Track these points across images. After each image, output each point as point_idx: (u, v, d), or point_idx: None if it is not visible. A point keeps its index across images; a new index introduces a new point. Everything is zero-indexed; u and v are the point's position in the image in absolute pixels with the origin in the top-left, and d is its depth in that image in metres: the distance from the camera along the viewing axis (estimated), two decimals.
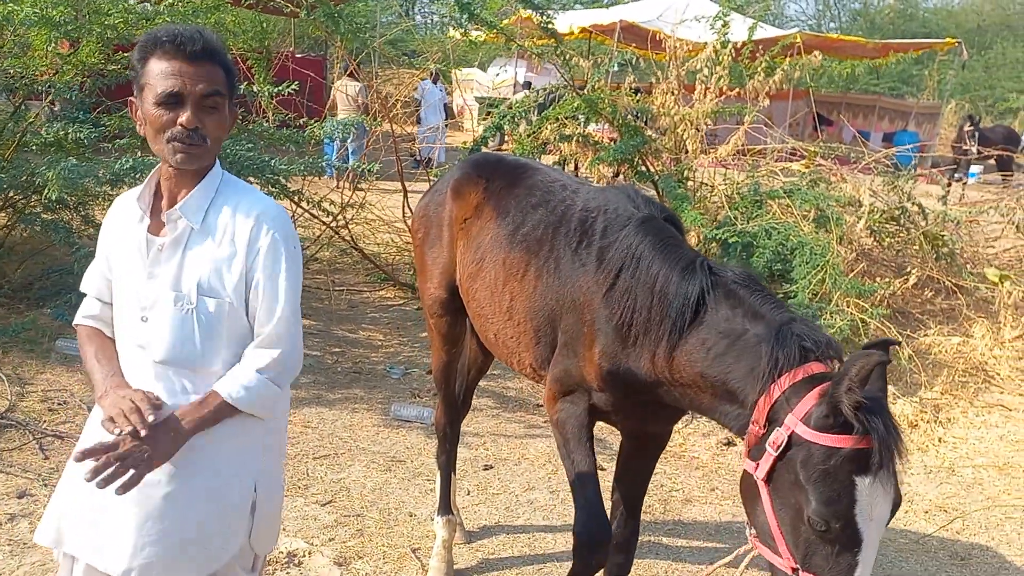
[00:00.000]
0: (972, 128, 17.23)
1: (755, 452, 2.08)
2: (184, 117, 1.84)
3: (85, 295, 2.11)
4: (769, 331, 2.15)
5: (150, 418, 1.79)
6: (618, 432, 3.06)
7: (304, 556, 3.47)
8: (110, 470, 1.75)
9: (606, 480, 2.93)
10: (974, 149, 16.39)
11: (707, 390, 2.29)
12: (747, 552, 2.25)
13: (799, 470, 1.94)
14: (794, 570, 1.96)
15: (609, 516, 2.88)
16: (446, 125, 15.24)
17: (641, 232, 2.56)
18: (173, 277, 1.92)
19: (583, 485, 2.68)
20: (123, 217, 2.03)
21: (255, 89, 6.97)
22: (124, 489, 1.77)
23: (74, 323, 2.11)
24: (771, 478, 2.01)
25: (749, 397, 2.14)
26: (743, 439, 2.19)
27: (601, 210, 2.77)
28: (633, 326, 2.45)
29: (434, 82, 15.43)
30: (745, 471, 2.12)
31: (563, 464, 2.79)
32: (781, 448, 1.97)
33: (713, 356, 2.25)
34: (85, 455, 1.77)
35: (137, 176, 4.91)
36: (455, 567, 3.50)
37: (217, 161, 2.02)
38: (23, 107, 6.20)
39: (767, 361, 2.09)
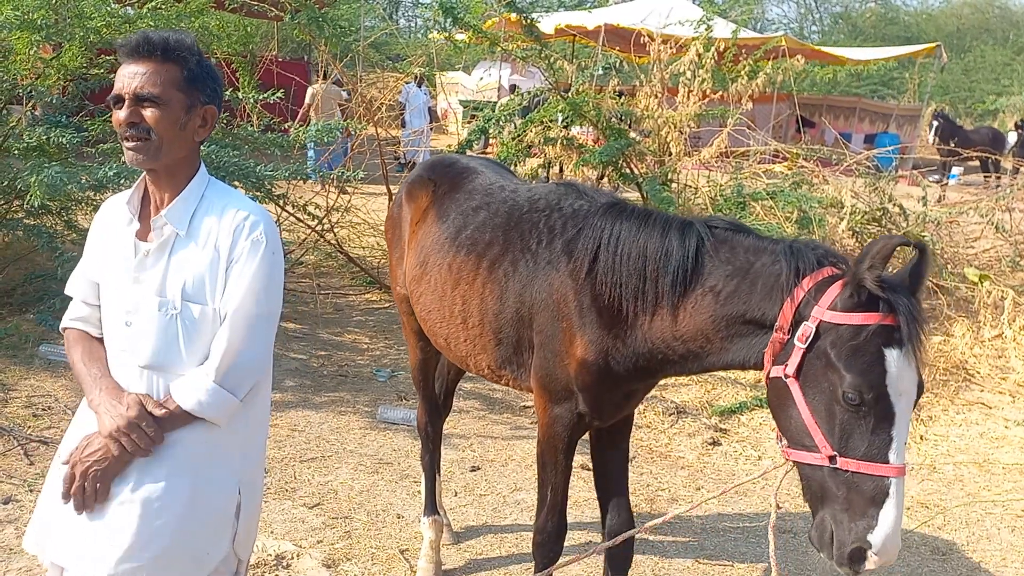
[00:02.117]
0: (933, 119, 17.37)
1: (781, 357, 2.13)
2: (120, 115, 1.87)
3: (70, 299, 2.11)
4: (777, 254, 2.22)
5: (151, 432, 1.85)
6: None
7: (292, 558, 3.47)
8: (77, 488, 1.85)
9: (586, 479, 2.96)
10: (931, 139, 16.53)
11: (718, 334, 2.31)
12: (775, 470, 2.31)
13: (830, 352, 2.02)
14: (831, 458, 2.00)
15: (601, 513, 2.95)
16: (431, 129, 15.24)
17: (612, 213, 2.59)
18: (158, 282, 1.92)
19: (556, 489, 2.79)
20: (112, 220, 2.03)
21: (239, 95, 6.96)
22: (97, 501, 1.85)
23: (61, 327, 2.11)
24: (801, 372, 2.07)
25: (770, 312, 2.19)
26: (760, 368, 2.24)
27: (553, 208, 2.79)
28: (623, 299, 2.46)
29: (418, 85, 15.44)
30: (772, 379, 2.16)
31: (541, 466, 2.81)
32: (810, 339, 2.05)
33: (725, 296, 2.28)
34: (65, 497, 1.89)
35: (121, 182, 4.89)
36: (443, 568, 3.52)
37: (203, 167, 2.02)
38: (4, 112, 6.17)
39: (788, 270, 2.16)
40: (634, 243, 2.47)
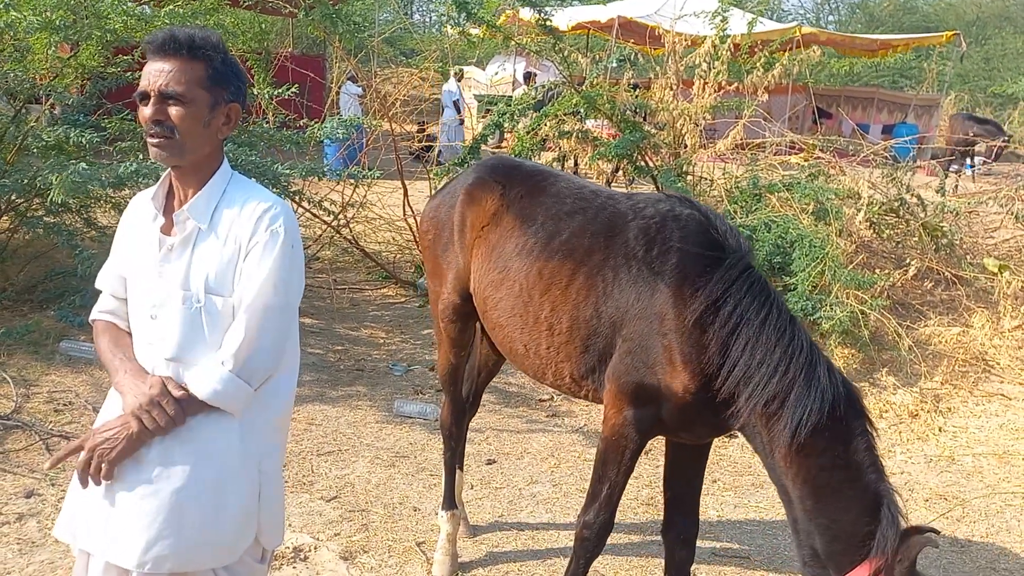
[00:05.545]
0: (967, 123, 17.37)
1: None
2: (146, 112, 1.90)
3: (89, 297, 2.15)
4: (879, 496, 2.32)
5: (171, 410, 1.87)
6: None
7: (310, 550, 3.51)
8: (84, 461, 1.88)
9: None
10: (986, 144, 16.44)
11: (786, 468, 2.41)
12: None
13: None
14: None
15: (665, 515, 2.96)
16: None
17: (747, 283, 2.53)
18: (182, 276, 1.95)
19: (614, 487, 2.76)
20: (138, 216, 2.07)
21: (255, 91, 6.99)
22: (104, 479, 1.89)
23: (90, 318, 2.15)
24: None
25: (835, 552, 2.34)
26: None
27: (667, 216, 2.73)
28: (725, 368, 2.47)
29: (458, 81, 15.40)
30: None
31: (602, 463, 2.77)
32: None
33: (824, 481, 2.37)
34: (54, 463, 1.96)
35: (140, 180, 4.93)
36: (459, 560, 3.54)
37: (226, 162, 2.04)
38: (23, 111, 6.23)
39: (883, 538, 2.26)
40: (768, 350, 2.44)
